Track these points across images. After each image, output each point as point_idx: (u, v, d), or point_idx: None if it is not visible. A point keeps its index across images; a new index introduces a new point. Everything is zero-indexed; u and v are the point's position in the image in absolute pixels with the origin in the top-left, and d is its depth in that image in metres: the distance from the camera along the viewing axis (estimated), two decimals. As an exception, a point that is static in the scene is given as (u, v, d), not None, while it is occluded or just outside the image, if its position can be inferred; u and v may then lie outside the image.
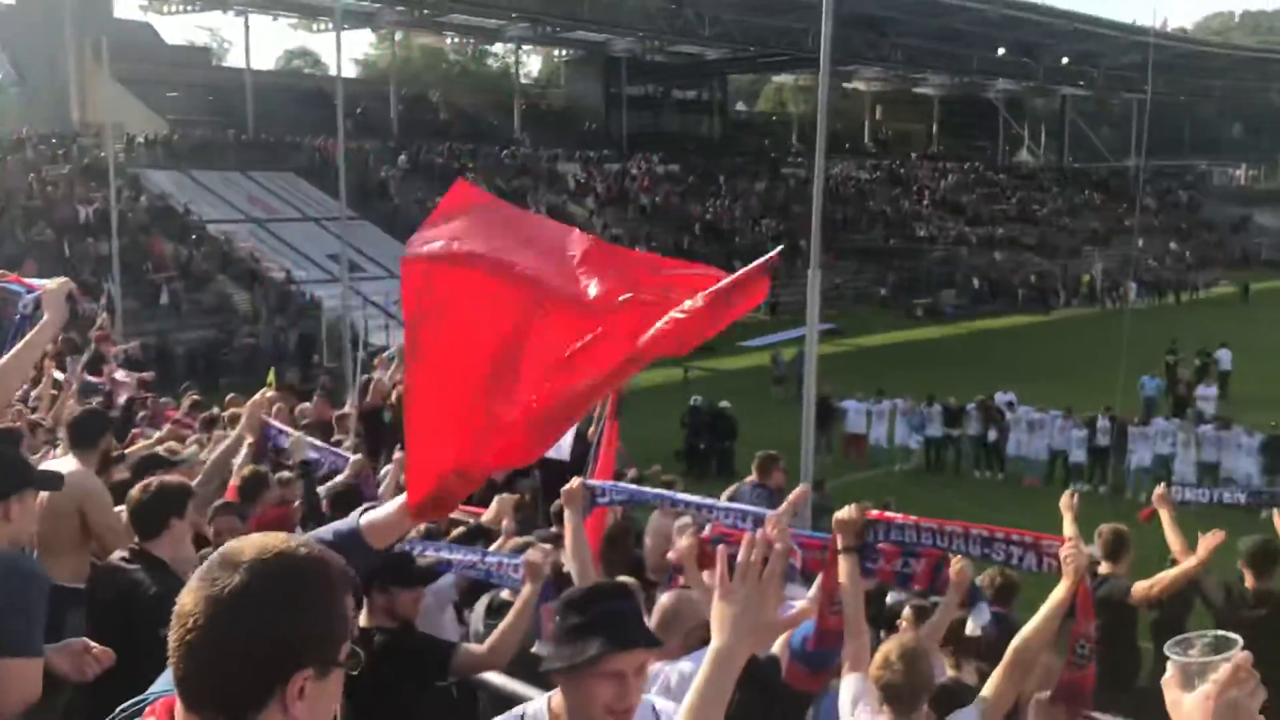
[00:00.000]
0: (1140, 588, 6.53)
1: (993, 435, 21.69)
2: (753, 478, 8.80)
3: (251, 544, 1.72)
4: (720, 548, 2.36)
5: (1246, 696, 1.69)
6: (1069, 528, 6.70)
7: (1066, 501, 7.31)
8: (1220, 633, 1.82)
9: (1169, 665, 1.79)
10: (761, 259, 2.86)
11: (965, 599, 4.73)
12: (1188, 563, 6.53)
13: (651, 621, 4.39)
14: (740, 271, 2.82)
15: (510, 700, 4.84)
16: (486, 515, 6.40)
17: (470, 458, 2.67)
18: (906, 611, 6.09)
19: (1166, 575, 6.55)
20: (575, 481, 5.20)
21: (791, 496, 7.87)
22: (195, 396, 14.00)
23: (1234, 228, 75.45)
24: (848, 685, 4.14)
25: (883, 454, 22.96)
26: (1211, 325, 36.62)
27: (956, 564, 4.47)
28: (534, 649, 5.35)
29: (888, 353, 36.99)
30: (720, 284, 2.72)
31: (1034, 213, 67.80)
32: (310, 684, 1.67)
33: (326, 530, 2.68)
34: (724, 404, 22.44)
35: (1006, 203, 68.66)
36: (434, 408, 2.76)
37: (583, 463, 9.10)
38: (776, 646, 4.57)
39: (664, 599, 4.47)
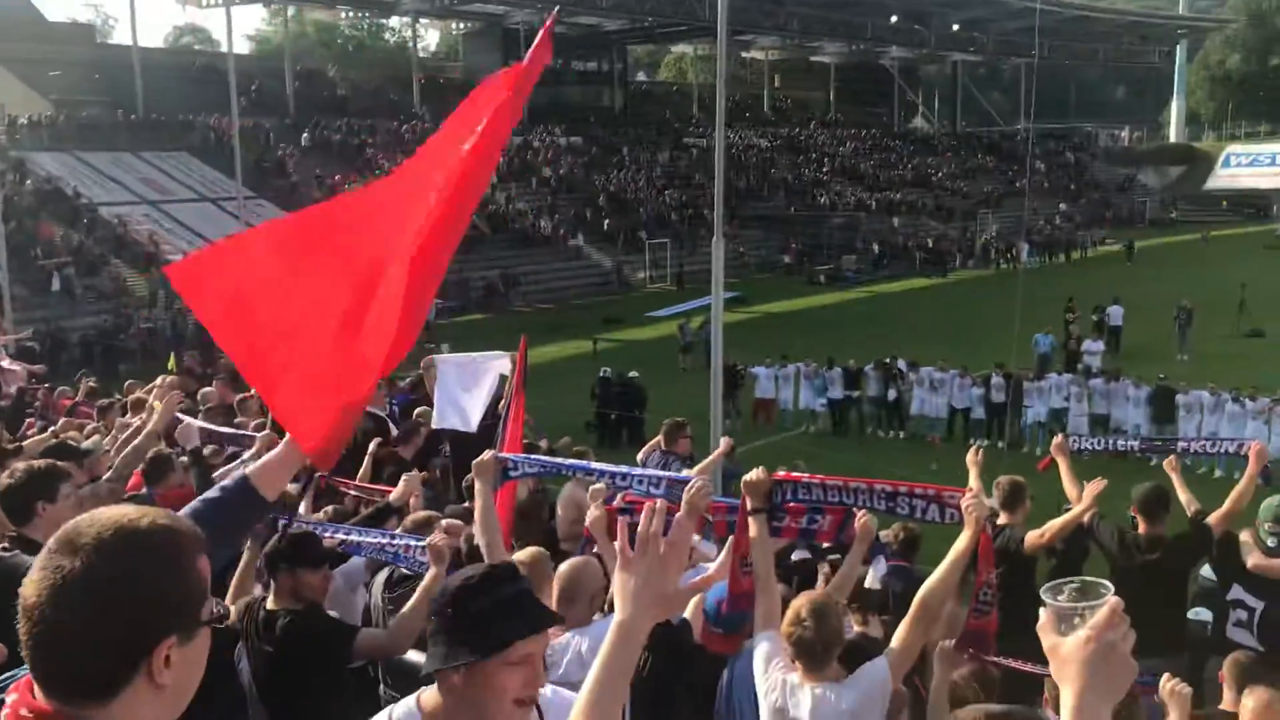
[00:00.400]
0: (1032, 536, 6.73)
1: (893, 395, 22.18)
2: (659, 444, 8.84)
3: (91, 522, 1.64)
4: (621, 520, 2.34)
5: (1120, 639, 1.77)
6: (974, 481, 6.93)
7: (972, 457, 7.54)
8: (1088, 578, 1.90)
9: (1043, 611, 1.86)
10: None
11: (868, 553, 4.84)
12: (1075, 510, 6.75)
13: (554, 591, 4.44)
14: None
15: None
16: (395, 494, 6.34)
17: (348, 391, 2.79)
18: (825, 569, 6.25)
19: (1055, 523, 6.76)
20: (487, 454, 5.16)
21: (720, 448, 7.98)
22: (92, 384, 13.61)
23: (1119, 188, 77.88)
24: (761, 644, 4.21)
25: (790, 417, 23.35)
26: (1100, 283, 37.84)
27: (861, 518, 4.58)
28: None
29: (792, 319, 37.47)
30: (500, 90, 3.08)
31: (929, 177, 69.10)
32: (175, 650, 1.63)
33: (215, 489, 2.69)
34: (633, 374, 22.55)
35: (903, 168, 69.83)
36: (294, 368, 2.85)
37: (492, 435, 9.11)
38: (689, 610, 4.65)
39: (562, 568, 4.50)
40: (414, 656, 4.71)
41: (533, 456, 5.98)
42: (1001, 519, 6.96)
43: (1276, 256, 52.94)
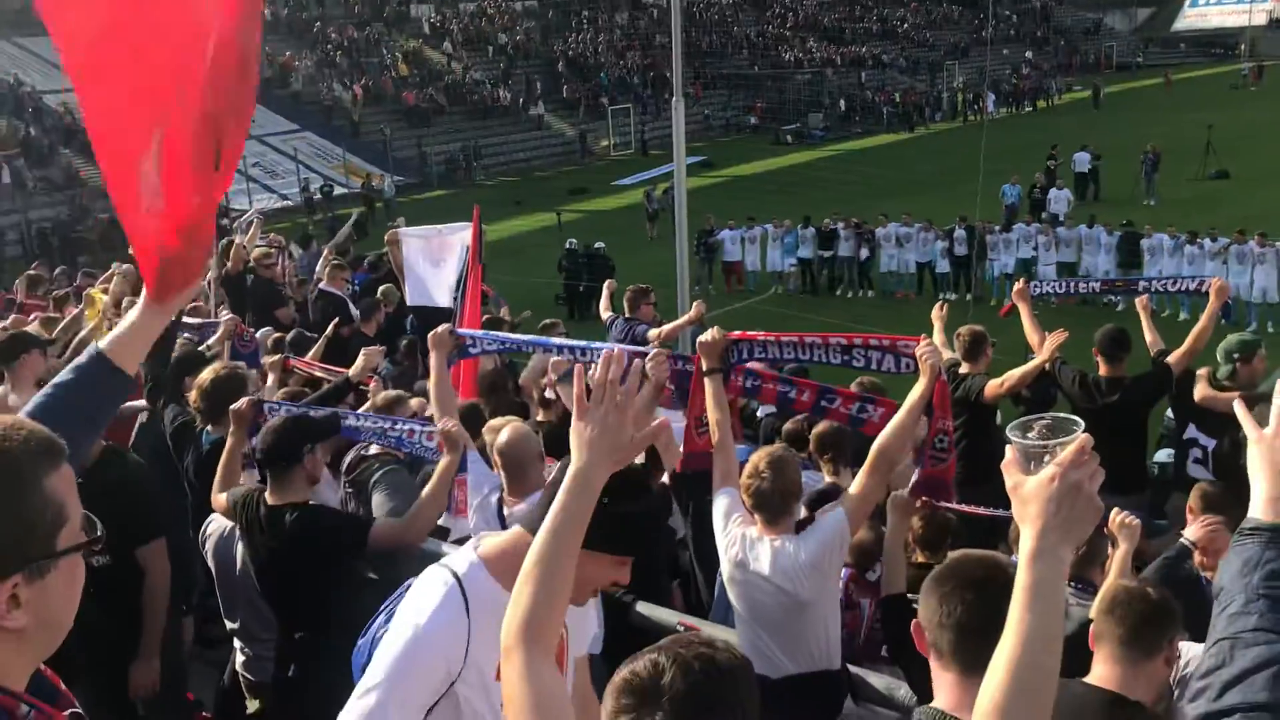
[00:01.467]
0: (992, 385, 6.75)
1: (865, 254, 22.13)
2: (618, 312, 8.78)
3: None
4: (578, 367, 2.29)
5: (1087, 478, 1.71)
6: (937, 335, 6.94)
7: (936, 312, 7.56)
8: (1059, 415, 1.84)
9: (1008, 449, 1.81)
10: None
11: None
12: (1035, 359, 6.78)
13: (499, 464, 4.45)
14: None
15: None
16: (355, 368, 6.26)
17: (184, 209, 2.46)
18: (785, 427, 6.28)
19: (1015, 371, 6.78)
20: (442, 327, 5.10)
21: (690, 314, 7.95)
22: (33, 271, 13.30)
23: (1086, 32, 76.67)
24: (720, 500, 4.22)
25: (757, 280, 23.33)
26: (1068, 130, 37.57)
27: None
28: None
29: (760, 180, 37.10)
30: None
31: (895, 30, 67.72)
32: (25, 589, 1.52)
33: (66, 369, 2.48)
34: (599, 245, 22.39)
35: (869, 21, 68.34)
36: (125, 173, 2.49)
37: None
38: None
39: (501, 440, 4.46)
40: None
41: (491, 334, 5.91)
42: (963, 368, 6.99)
43: (1242, 97, 52.67)
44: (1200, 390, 6.27)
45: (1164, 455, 7.13)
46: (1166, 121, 40.04)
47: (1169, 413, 7.39)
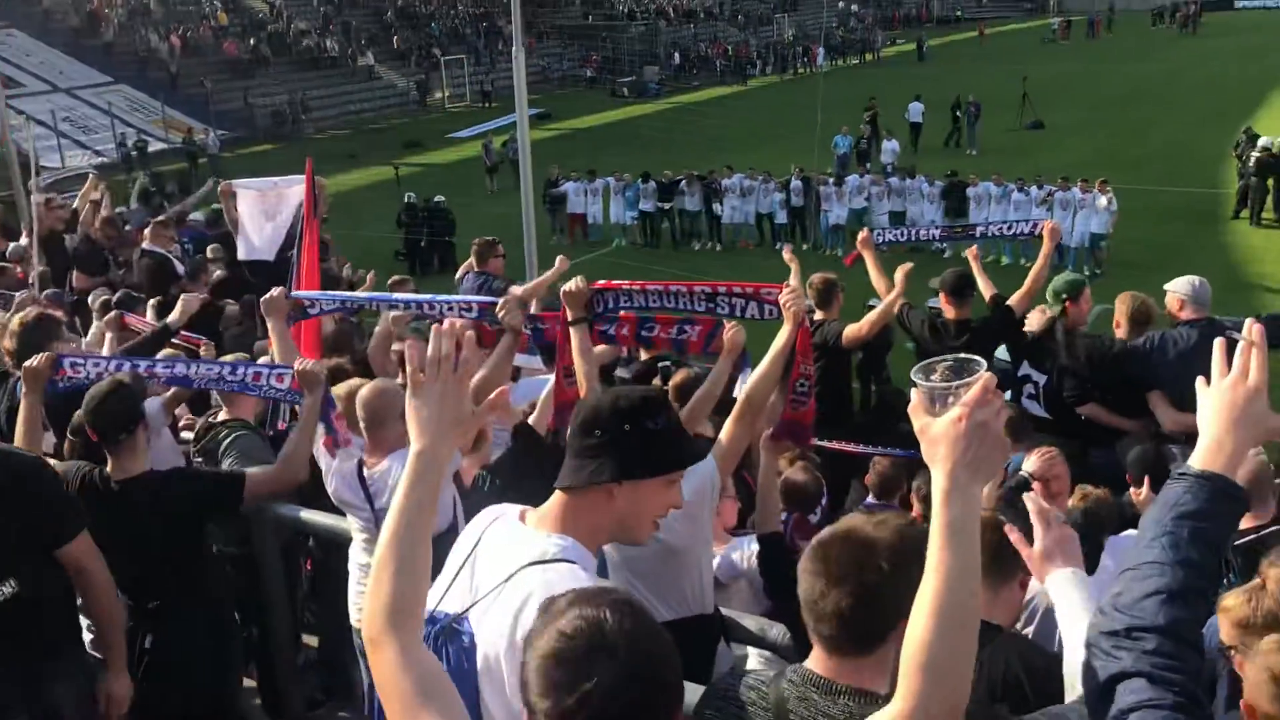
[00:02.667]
0: (850, 330, 6.94)
1: (718, 209, 22.23)
2: (471, 266, 8.64)
3: None
4: (410, 341, 2.21)
5: (993, 416, 1.75)
6: (794, 279, 7.06)
7: (788, 255, 7.67)
8: (961, 355, 1.87)
9: (913, 392, 1.84)
10: None
11: (737, 363, 4.80)
12: (887, 300, 7.00)
13: (360, 417, 4.33)
14: None
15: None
16: (174, 315, 5.96)
17: None
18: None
19: (872, 315, 6.97)
20: (276, 290, 4.88)
21: (555, 267, 7.88)
22: None
23: (909, -13, 78.78)
24: None
25: (600, 232, 23.32)
26: (892, 82, 38.72)
27: (730, 330, 4.53)
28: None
29: (598, 133, 36.99)
30: None
31: (726, -18, 68.20)
32: None
33: None
34: (439, 199, 21.96)
35: (700, -28, 68.58)
36: None
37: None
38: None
39: (363, 393, 4.36)
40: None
41: (330, 293, 5.67)
42: (817, 315, 7.15)
43: (1053, 50, 55.24)
44: (1030, 324, 6.56)
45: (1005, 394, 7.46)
46: (984, 73, 41.67)
47: (998, 352, 7.70)
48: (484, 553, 2.50)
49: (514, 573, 2.33)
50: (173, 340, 6.52)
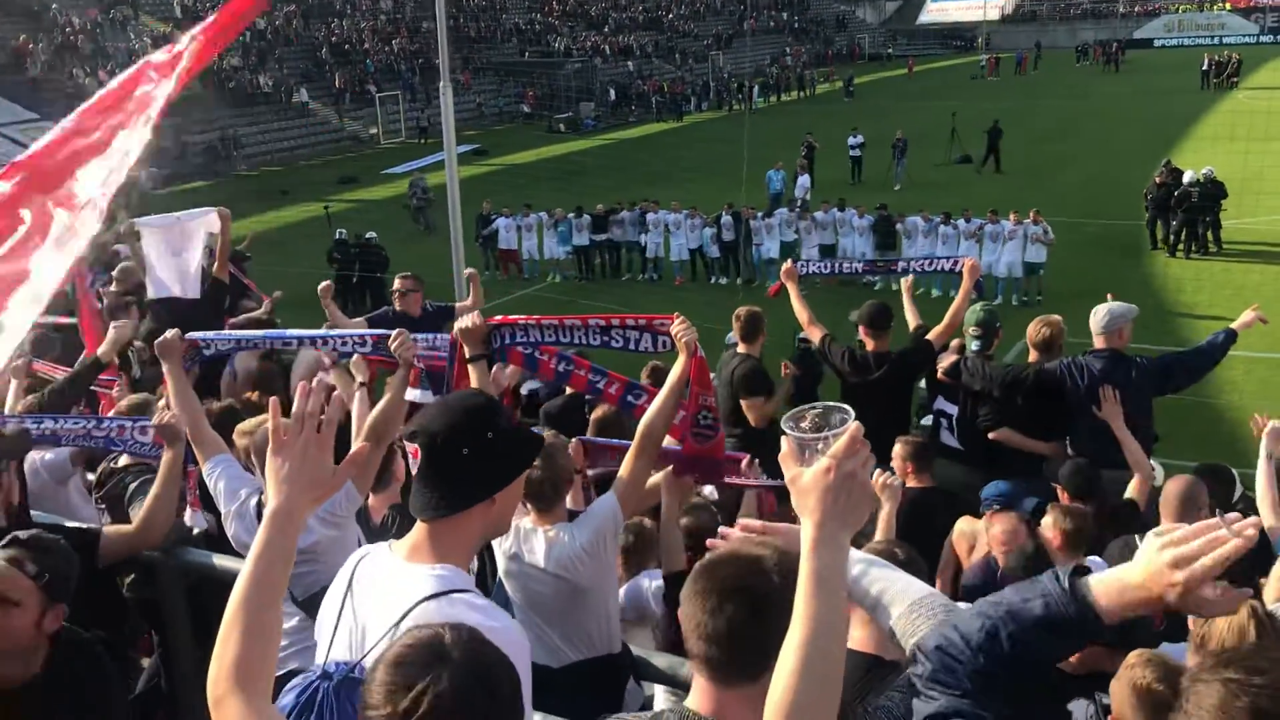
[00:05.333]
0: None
1: (643, 240, 22.30)
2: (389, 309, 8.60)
3: None
4: (274, 400, 2.16)
5: (859, 466, 1.77)
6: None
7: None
8: (829, 404, 1.88)
9: (783, 440, 1.85)
10: None
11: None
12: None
13: (259, 457, 4.23)
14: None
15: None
16: (104, 346, 5.78)
17: None
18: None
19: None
20: (170, 332, 4.72)
21: (472, 287, 7.84)
22: None
23: (838, 24, 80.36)
24: None
25: (535, 267, 23.27)
26: (824, 119, 39.31)
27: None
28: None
29: (533, 169, 37.01)
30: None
31: (660, 20, 68.96)
32: None
33: None
34: (370, 235, 21.76)
35: (634, 10, 69.33)
36: None
37: (213, 300, 8.57)
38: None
39: (258, 437, 4.25)
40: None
41: (225, 333, 5.52)
42: (740, 348, 7.17)
43: (980, 86, 56.48)
44: (941, 365, 6.63)
45: (927, 421, 7.53)
46: (914, 109, 42.46)
47: (922, 383, 7.79)
48: (361, 595, 2.45)
49: (408, 610, 2.29)
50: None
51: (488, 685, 1.66)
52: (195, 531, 4.76)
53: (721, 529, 2.35)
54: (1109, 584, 1.73)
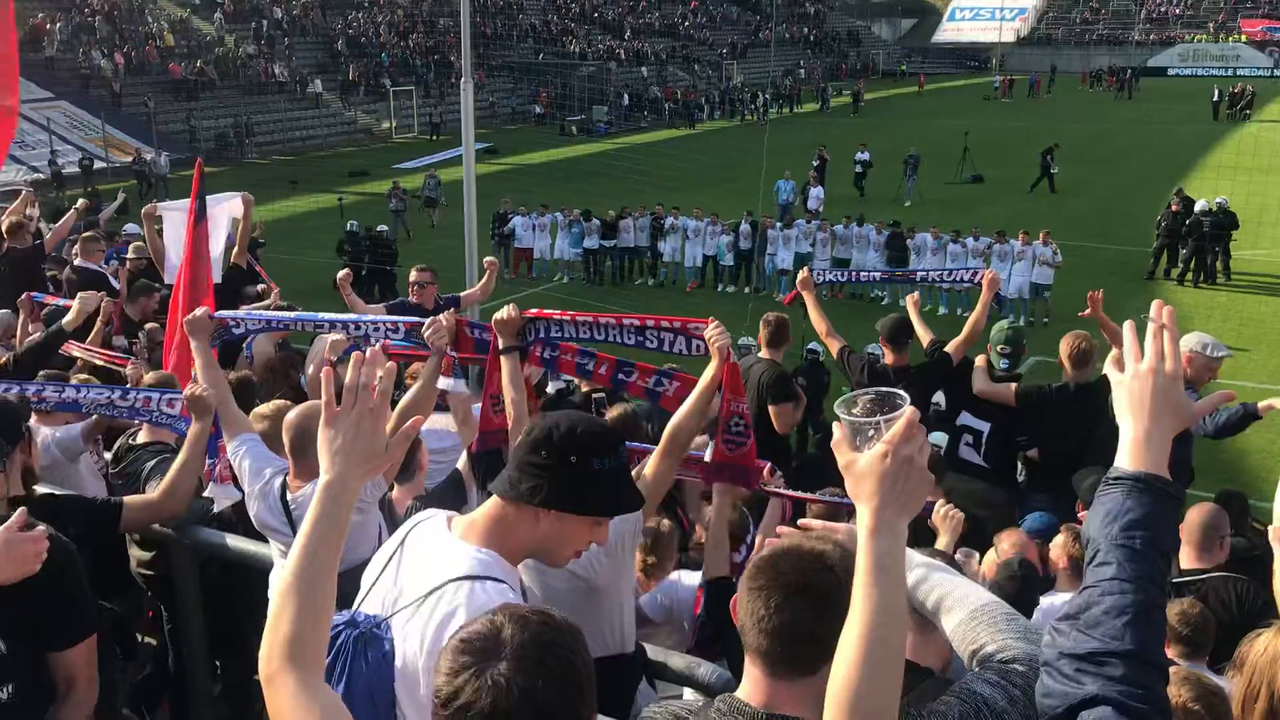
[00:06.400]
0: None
1: (665, 247, 22.30)
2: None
3: None
4: (325, 369, 2.14)
5: (917, 451, 1.73)
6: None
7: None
8: (884, 389, 1.85)
9: (836, 426, 1.82)
10: None
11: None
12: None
13: (286, 442, 4.21)
14: None
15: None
16: (69, 315, 5.77)
17: None
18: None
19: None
20: (200, 310, 4.72)
21: (482, 282, 7.86)
22: None
23: (852, 39, 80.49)
24: None
25: (545, 266, 23.30)
26: (837, 132, 39.35)
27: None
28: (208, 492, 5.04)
29: (544, 170, 37.05)
30: None
31: (676, 27, 69.09)
32: None
33: None
34: (382, 227, 21.80)
35: (650, 17, 69.45)
36: None
37: (232, 285, 8.61)
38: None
39: (290, 416, 4.22)
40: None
41: (255, 313, 5.53)
42: (764, 354, 7.17)
43: (994, 107, 56.54)
44: (979, 384, 6.65)
45: (937, 437, 7.51)
46: (927, 127, 42.51)
47: (936, 397, 7.78)
48: (408, 558, 2.47)
49: (439, 586, 2.30)
50: (96, 362, 6.35)
51: (561, 673, 1.63)
52: (229, 504, 4.74)
53: (780, 528, 2.34)
54: (1136, 448, 1.80)
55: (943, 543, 4.21)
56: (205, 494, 4.83)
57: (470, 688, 1.60)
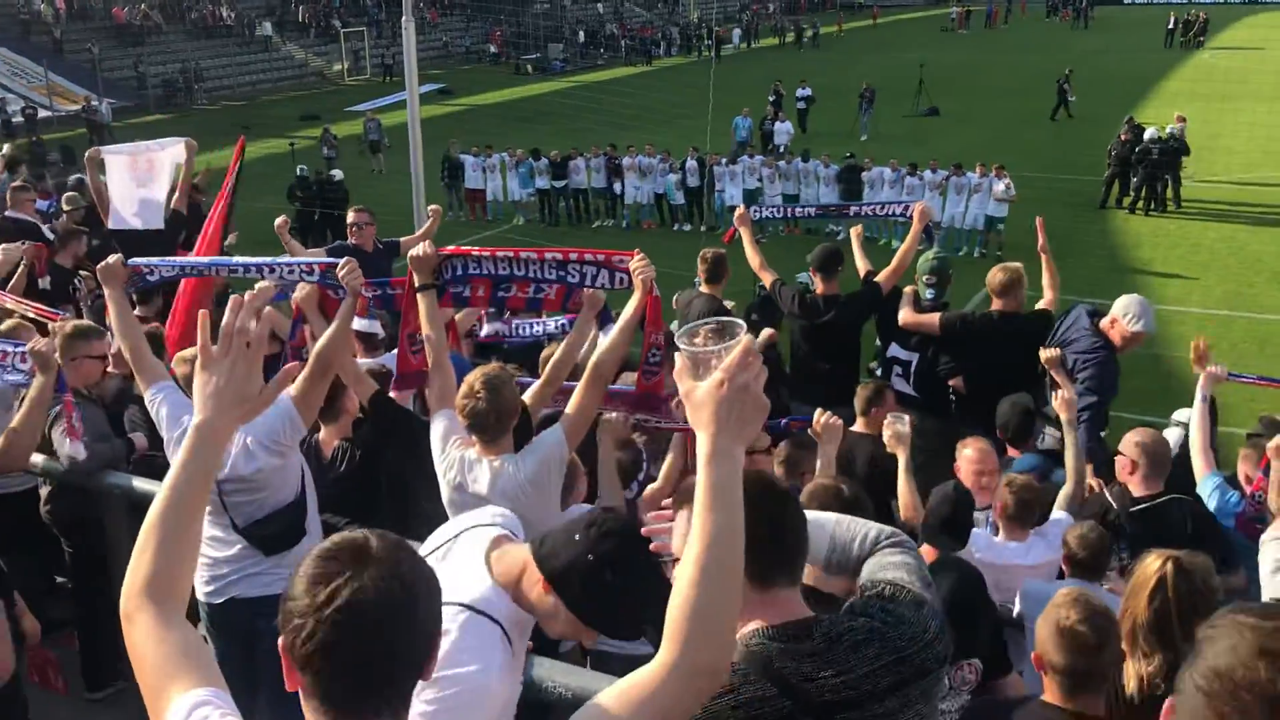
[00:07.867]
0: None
1: (619, 187, 22.17)
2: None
3: None
4: (202, 312, 2.13)
5: (752, 379, 1.78)
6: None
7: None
8: (724, 319, 1.90)
9: (677, 356, 1.86)
10: None
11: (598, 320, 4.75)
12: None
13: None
14: None
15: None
16: None
17: None
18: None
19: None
20: (113, 258, 4.62)
21: (430, 220, 7.88)
22: None
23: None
24: (437, 422, 4.12)
25: (500, 209, 23.13)
26: (792, 67, 39.08)
27: (587, 293, 4.51)
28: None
29: (500, 110, 36.64)
30: None
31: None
32: None
33: None
34: (334, 171, 21.53)
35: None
36: None
37: (175, 231, 8.51)
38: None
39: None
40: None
41: (169, 259, 5.47)
42: (704, 289, 7.20)
43: (950, 39, 56.32)
44: (904, 315, 6.70)
45: (874, 368, 7.60)
46: (881, 61, 42.29)
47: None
48: (450, 558, 2.55)
49: (448, 601, 2.30)
50: (25, 315, 6.28)
51: (410, 589, 1.66)
52: (77, 460, 4.75)
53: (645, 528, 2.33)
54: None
55: (826, 451, 4.29)
56: (65, 449, 4.78)
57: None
